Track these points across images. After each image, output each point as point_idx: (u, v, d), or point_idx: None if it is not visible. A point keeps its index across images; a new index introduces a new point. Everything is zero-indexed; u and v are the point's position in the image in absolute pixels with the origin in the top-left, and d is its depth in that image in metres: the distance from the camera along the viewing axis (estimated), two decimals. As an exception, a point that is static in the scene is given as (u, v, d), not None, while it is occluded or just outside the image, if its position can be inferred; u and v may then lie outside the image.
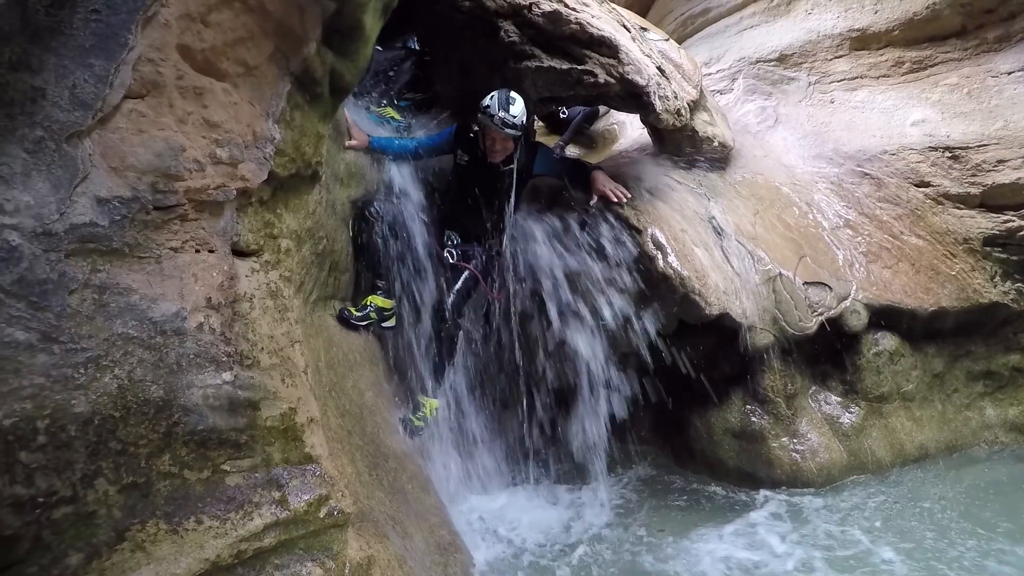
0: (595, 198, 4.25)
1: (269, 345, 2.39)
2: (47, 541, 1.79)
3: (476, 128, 4.16)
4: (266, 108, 2.47)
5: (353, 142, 3.94)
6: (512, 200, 4.26)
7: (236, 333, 2.27)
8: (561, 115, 7.07)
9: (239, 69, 2.32)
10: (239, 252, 2.49)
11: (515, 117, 3.93)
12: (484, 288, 4.20)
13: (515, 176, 4.20)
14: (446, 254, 4.16)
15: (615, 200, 4.22)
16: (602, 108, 7.00)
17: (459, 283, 4.08)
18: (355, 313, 3.86)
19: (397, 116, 4.84)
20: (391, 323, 4.07)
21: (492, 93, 3.98)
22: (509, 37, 4.31)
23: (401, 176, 4.34)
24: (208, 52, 2.18)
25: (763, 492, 4.23)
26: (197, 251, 2.24)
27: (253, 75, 2.39)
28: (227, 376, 2.18)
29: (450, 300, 4.01)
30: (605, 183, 4.26)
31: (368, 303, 3.94)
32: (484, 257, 4.26)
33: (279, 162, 2.57)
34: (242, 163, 2.34)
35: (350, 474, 2.94)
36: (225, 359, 2.20)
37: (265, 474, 2.25)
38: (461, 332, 4.14)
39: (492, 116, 3.92)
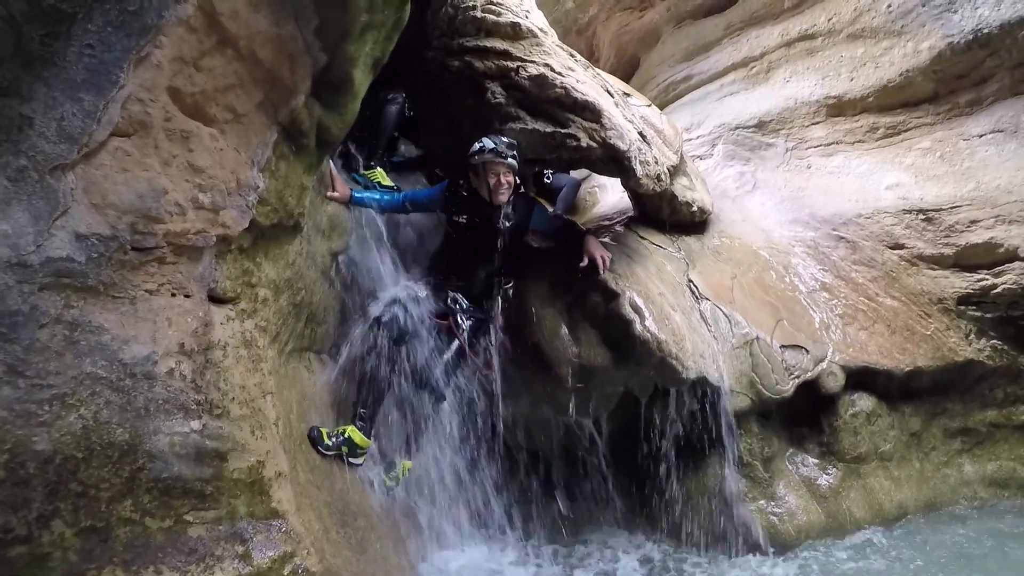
0: (585, 260, 4.17)
1: (240, 395, 2.36)
2: (2, 580, 1.72)
3: (466, 183, 4.12)
4: (251, 156, 2.49)
5: (335, 194, 3.89)
6: (508, 260, 4.20)
7: (207, 381, 2.24)
8: (546, 180, 6.93)
9: (227, 115, 2.35)
10: (216, 299, 2.48)
11: (510, 147, 3.95)
12: (472, 361, 4.05)
13: (513, 231, 4.13)
14: (456, 319, 3.97)
15: (602, 269, 4.15)
16: (583, 171, 7.05)
17: (450, 351, 3.92)
18: (325, 440, 3.45)
19: (386, 180, 4.65)
20: (359, 461, 3.63)
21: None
22: (496, 98, 4.40)
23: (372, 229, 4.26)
24: (198, 96, 2.21)
25: (740, 556, 4.15)
26: (173, 295, 2.23)
27: (241, 122, 2.42)
28: (195, 424, 2.15)
29: (439, 369, 3.83)
30: (596, 248, 4.21)
31: (343, 433, 3.53)
32: (478, 323, 4.13)
33: (261, 211, 2.58)
34: (224, 210, 2.35)
35: (317, 531, 2.85)
36: (194, 407, 2.17)
37: (229, 527, 2.19)
38: (446, 401, 3.97)
39: (485, 150, 3.92)
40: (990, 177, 4.58)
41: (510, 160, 3.93)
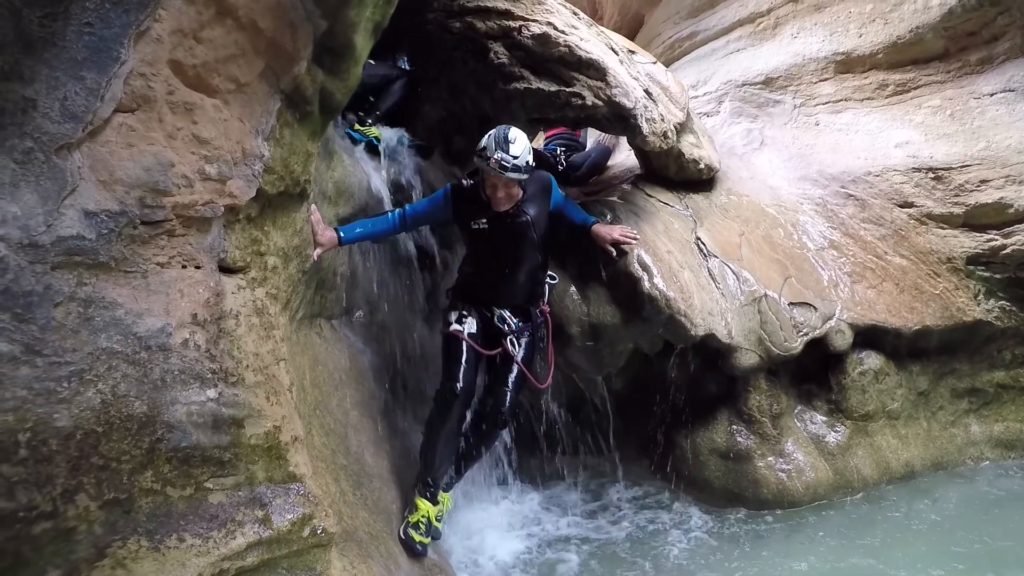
0: (612, 251, 4.09)
1: (254, 363, 2.39)
2: (27, 557, 1.77)
3: (472, 180, 3.67)
4: (256, 125, 2.47)
5: (318, 250, 3.31)
6: (548, 249, 3.93)
7: (221, 350, 2.26)
8: (560, 167, 6.04)
9: (230, 86, 2.33)
10: (226, 269, 2.48)
11: (516, 157, 3.36)
12: (532, 381, 3.75)
13: (539, 214, 3.72)
14: (508, 343, 3.70)
15: (630, 243, 4.10)
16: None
17: (513, 377, 3.67)
18: (416, 535, 3.37)
19: (380, 135, 4.58)
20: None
21: (489, 132, 3.46)
22: (499, 59, 4.34)
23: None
24: (200, 68, 2.19)
25: (749, 511, 4.25)
26: (184, 267, 2.23)
27: (244, 92, 2.39)
28: (211, 393, 2.17)
29: (508, 399, 3.61)
30: (610, 232, 4.08)
31: (425, 516, 3.46)
32: (531, 336, 3.88)
33: (267, 179, 2.57)
34: (230, 180, 2.34)
35: (334, 493, 2.93)
36: (210, 376, 2.19)
37: (248, 492, 2.23)
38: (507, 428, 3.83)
39: (489, 159, 3.36)
40: (1001, 136, 4.54)
41: (510, 175, 3.41)
